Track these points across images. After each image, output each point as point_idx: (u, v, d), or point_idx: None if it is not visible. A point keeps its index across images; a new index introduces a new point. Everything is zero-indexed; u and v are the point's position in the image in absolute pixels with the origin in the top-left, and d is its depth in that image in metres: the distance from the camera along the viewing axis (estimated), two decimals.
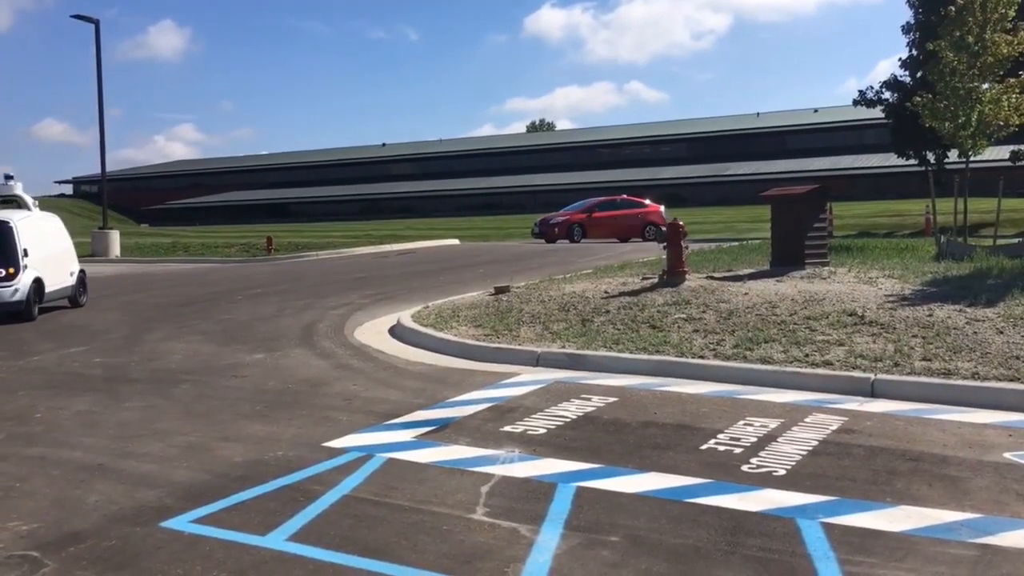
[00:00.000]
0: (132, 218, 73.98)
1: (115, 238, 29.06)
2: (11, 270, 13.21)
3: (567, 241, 29.81)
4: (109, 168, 31.67)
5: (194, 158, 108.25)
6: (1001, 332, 8.66)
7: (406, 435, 6.65)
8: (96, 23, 28.09)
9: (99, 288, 17.92)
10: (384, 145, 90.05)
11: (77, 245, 32.50)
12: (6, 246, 13.39)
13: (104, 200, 31.28)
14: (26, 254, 13.51)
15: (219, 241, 35.66)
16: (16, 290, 13.27)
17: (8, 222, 13.56)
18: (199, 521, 4.98)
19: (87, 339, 11.60)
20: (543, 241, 30.64)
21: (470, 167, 76.88)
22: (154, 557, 4.51)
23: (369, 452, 6.22)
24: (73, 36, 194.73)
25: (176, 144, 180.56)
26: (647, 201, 31.88)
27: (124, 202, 77.69)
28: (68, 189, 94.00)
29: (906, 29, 31.08)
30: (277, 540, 4.68)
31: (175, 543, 4.68)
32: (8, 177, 14.59)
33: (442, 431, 6.74)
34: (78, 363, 9.95)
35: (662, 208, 31.34)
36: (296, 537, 4.72)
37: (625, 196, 32.79)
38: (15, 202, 15.35)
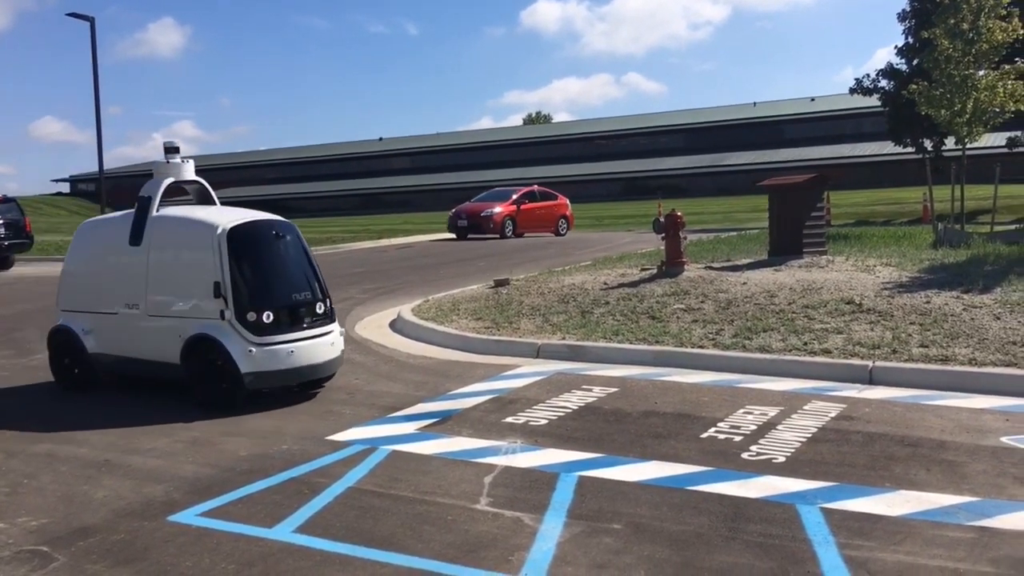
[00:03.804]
0: None
1: None
2: (328, 302, 8.15)
3: (497, 236, 26.52)
4: (107, 166, 31.65)
5: (192, 155, 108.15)
6: (998, 318, 8.72)
7: (409, 427, 6.71)
8: (91, 21, 28.04)
9: None
10: (381, 139, 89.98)
11: None
12: (306, 263, 8.20)
13: (102, 198, 31.15)
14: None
15: None
16: (343, 332, 8.41)
17: (293, 227, 8.24)
18: (206, 514, 5.05)
19: None
20: (455, 237, 27.40)
21: (468, 160, 76.85)
22: (163, 550, 4.57)
23: (373, 445, 6.28)
24: (73, 34, 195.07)
25: (175, 141, 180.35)
26: (558, 194, 30.06)
27: (122, 200, 77.28)
28: (65, 187, 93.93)
29: (902, 17, 31.03)
30: (284, 532, 4.75)
31: (183, 536, 4.74)
32: (172, 150, 8.55)
33: (445, 423, 6.81)
34: None
35: (568, 201, 29.79)
36: (302, 529, 4.78)
37: (537, 187, 30.19)
38: (190, 191, 8.82)
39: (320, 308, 7.92)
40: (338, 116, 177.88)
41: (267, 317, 7.48)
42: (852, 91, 33.77)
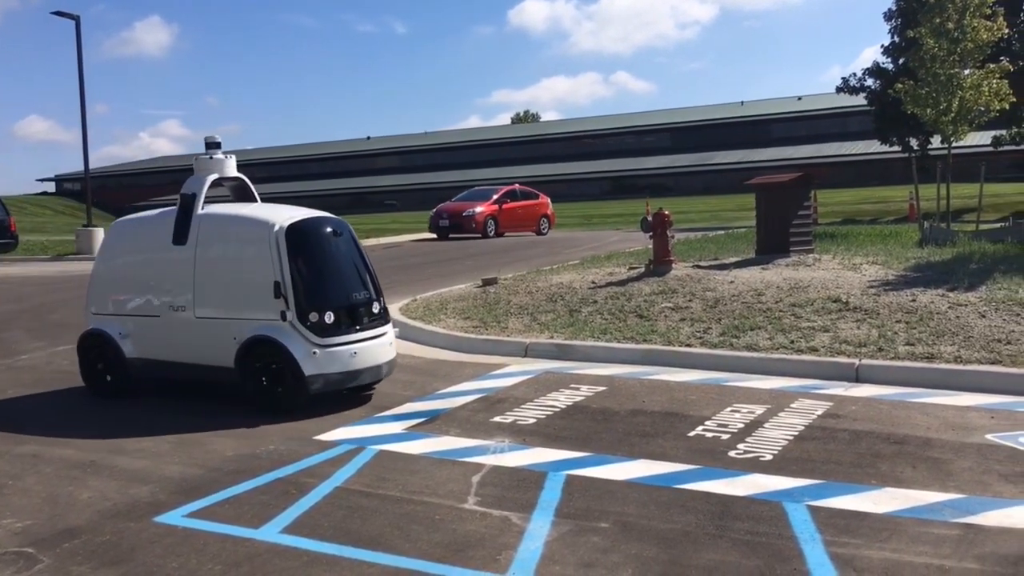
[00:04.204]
0: (116, 215, 73.40)
1: (100, 236, 28.86)
2: (382, 300, 7.92)
3: (479, 236, 26.08)
4: (93, 165, 31.48)
5: (179, 154, 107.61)
6: (983, 316, 8.77)
7: (397, 427, 6.70)
8: (77, 19, 27.85)
9: (86, 286, 17.87)
10: (369, 138, 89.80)
11: (61, 243, 32.43)
12: (360, 260, 7.89)
13: (88, 198, 30.96)
14: None
15: None
16: (397, 331, 8.31)
17: (346, 224, 7.97)
18: (193, 515, 5.03)
19: (76, 338, 11.55)
20: (436, 237, 26.94)
21: (455, 159, 76.76)
22: (149, 551, 4.55)
23: (360, 444, 6.27)
24: (59, 33, 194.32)
25: (161, 140, 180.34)
26: (539, 193, 29.62)
27: (108, 199, 77.17)
28: (51, 187, 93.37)
29: (888, 16, 31.22)
30: (271, 532, 4.73)
31: (169, 537, 4.72)
32: (214, 145, 8.17)
33: (433, 422, 6.80)
34: (67, 361, 9.91)
35: (549, 200, 29.35)
36: (290, 529, 4.77)
37: (519, 186, 29.68)
38: (227, 188, 8.54)
39: (376, 307, 7.69)
40: (326, 115, 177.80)
41: (328, 317, 7.23)
42: (839, 90, 33.94)
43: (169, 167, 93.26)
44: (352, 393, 7.69)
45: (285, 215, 7.55)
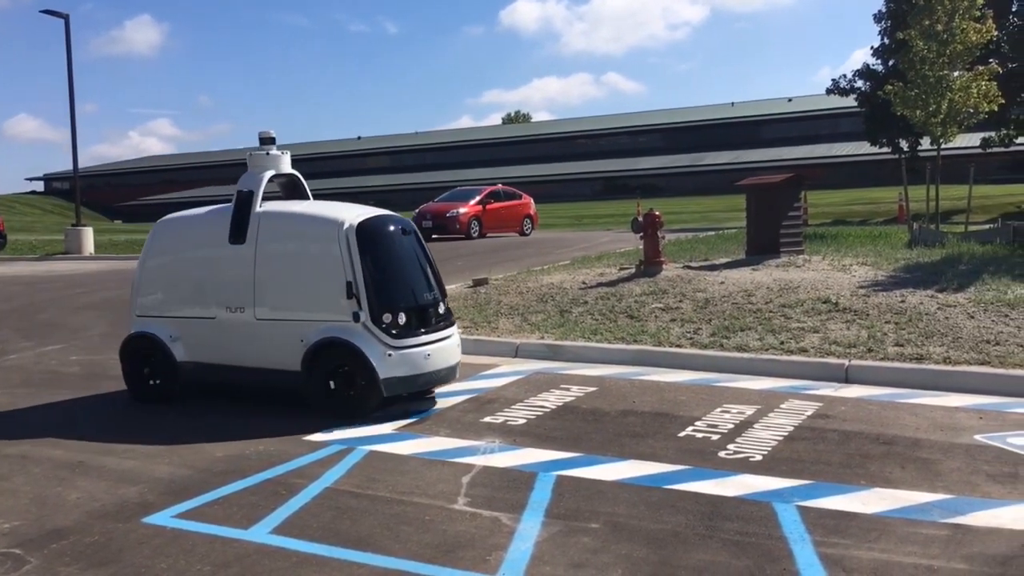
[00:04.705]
0: (105, 215, 73.20)
1: (89, 235, 28.71)
2: (446, 301, 7.76)
3: (463, 237, 25.48)
4: (82, 164, 31.34)
5: (168, 153, 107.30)
6: (972, 317, 8.80)
7: (387, 427, 6.70)
8: (66, 18, 27.73)
9: (75, 285, 17.81)
10: (360, 138, 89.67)
11: (50, 243, 32.27)
12: (426, 260, 7.71)
13: (77, 197, 30.82)
14: None
15: None
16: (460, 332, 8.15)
17: (411, 223, 7.88)
18: (182, 516, 5.01)
19: (64, 337, 11.53)
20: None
21: (446, 160, 76.71)
22: (137, 552, 4.53)
23: (350, 445, 6.26)
24: (48, 32, 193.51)
25: (151, 139, 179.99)
26: (522, 193, 29.01)
27: (97, 198, 76.88)
28: (39, 186, 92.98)
29: (878, 18, 31.36)
30: (260, 533, 4.72)
31: (158, 538, 4.70)
32: (268, 140, 7.96)
33: (423, 423, 6.79)
34: (56, 361, 9.89)
35: (532, 200, 28.78)
36: (279, 530, 4.76)
37: (502, 186, 29.14)
38: (276, 185, 8.32)
39: (441, 308, 7.50)
40: (317, 115, 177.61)
41: (401, 318, 7.01)
42: (829, 91, 34.07)
43: (159, 167, 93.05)
44: (415, 396, 7.50)
45: (352, 213, 7.30)
